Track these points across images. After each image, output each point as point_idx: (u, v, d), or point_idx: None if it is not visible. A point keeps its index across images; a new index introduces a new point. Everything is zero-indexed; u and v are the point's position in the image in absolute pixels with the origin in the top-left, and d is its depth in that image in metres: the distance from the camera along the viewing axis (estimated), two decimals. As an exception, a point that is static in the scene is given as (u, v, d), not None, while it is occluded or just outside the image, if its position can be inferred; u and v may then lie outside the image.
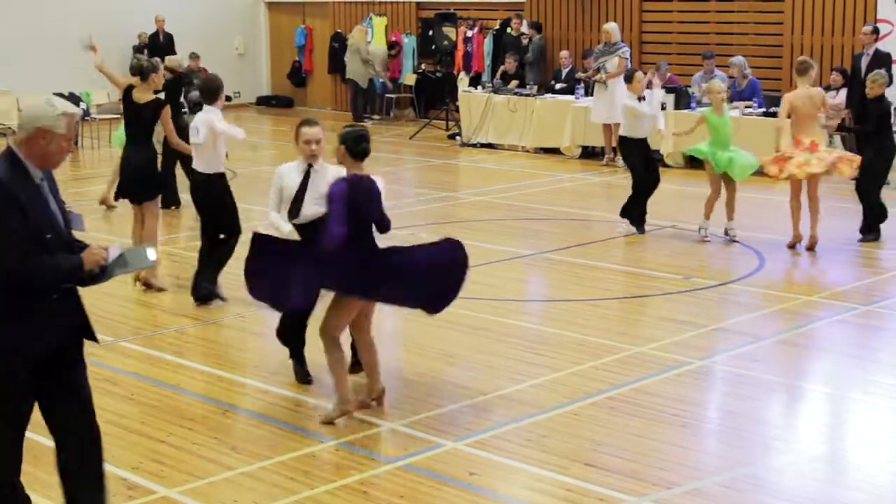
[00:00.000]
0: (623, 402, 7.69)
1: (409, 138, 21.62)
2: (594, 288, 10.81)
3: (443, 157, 19.53)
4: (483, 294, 10.56)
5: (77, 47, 23.63)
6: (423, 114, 24.29)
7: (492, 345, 9.03)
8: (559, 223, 13.88)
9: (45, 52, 23.80)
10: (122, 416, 7.51)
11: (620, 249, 12.70)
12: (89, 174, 18.53)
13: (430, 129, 22.27)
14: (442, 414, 7.54)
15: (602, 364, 8.50)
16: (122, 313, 10.07)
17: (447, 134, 21.87)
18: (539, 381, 8.14)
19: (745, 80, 17.96)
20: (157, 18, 24.48)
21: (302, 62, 27.54)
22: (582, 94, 19.10)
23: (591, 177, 17.27)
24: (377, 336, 7.94)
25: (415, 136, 21.71)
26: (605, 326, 9.50)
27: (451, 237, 7.78)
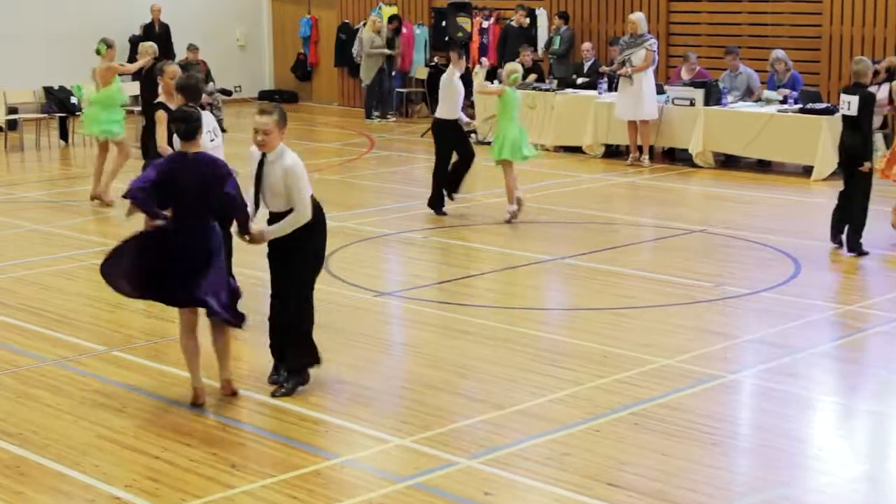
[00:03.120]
0: (649, 419, 7.67)
1: (420, 136, 21.60)
2: (618, 296, 10.79)
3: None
4: (500, 302, 10.55)
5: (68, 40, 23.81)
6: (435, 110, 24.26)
7: (509, 356, 9.02)
8: (581, 226, 13.87)
9: (34, 45, 23.87)
10: (115, 431, 7.52)
11: (646, 255, 12.68)
12: (80, 172, 18.56)
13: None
14: (455, 429, 7.53)
15: (626, 377, 8.48)
16: (113, 321, 10.08)
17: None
18: (559, 396, 8.12)
19: (787, 73, 17.91)
20: (153, 8, 24.54)
21: (307, 55, 27.57)
22: (605, 89, 19.07)
23: (615, 177, 17.25)
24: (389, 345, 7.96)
25: (427, 133, 21.68)
26: (630, 337, 9.48)
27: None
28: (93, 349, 9.22)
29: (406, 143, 21.13)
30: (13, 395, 8.19)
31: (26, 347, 9.30)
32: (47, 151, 20.67)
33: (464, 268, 11.97)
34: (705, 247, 12.75)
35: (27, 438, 7.38)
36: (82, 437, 7.39)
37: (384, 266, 12.44)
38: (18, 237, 13.47)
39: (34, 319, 10.05)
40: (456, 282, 11.33)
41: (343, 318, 9.95)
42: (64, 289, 11.07)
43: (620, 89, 18.06)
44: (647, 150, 18.11)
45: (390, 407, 8.00)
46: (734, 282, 11.18)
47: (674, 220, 13.97)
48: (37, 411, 7.87)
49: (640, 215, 14.70)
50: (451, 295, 10.83)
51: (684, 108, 17.85)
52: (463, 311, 10.20)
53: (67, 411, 7.86)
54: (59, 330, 9.75)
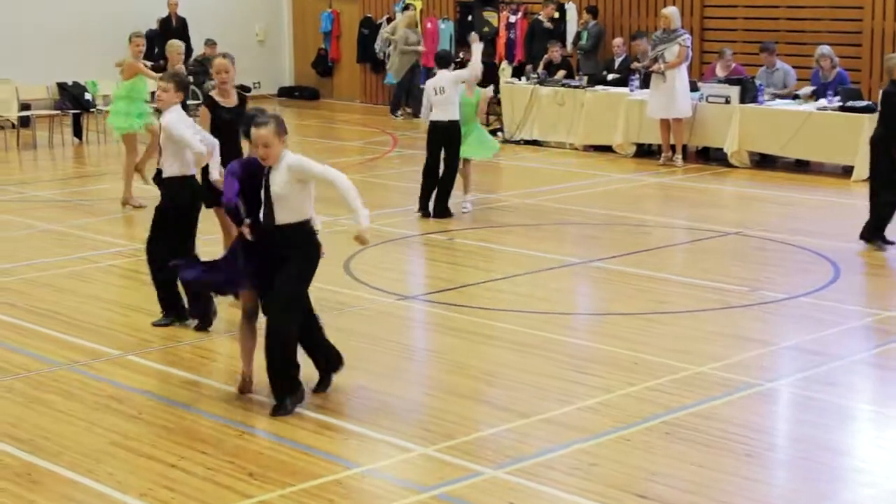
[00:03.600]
0: (681, 428, 7.64)
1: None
2: (649, 300, 10.77)
3: (482, 154, 19.48)
4: (527, 307, 10.54)
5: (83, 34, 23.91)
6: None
7: (536, 363, 9.01)
8: (611, 228, 13.85)
9: (47, 39, 23.99)
10: (129, 438, 7.54)
11: (679, 258, 12.65)
12: (94, 171, 18.66)
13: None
14: (480, 438, 7.52)
15: (658, 385, 8.46)
16: (127, 324, 10.12)
17: (488, 130, 21.85)
18: (588, 404, 8.11)
19: (833, 70, 17.82)
20: (170, 2, 24.61)
21: (328, 50, 27.63)
22: (637, 86, 19.04)
23: (647, 177, 17.22)
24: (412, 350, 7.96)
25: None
26: (662, 343, 9.46)
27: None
28: (107, 353, 9.25)
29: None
30: (25, 401, 8.22)
31: (38, 351, 9.34)
32: (60, 149, 20.77)
33: (489, 271, 11.97)
34: (741, 250, 12.71)
35: (39, 445, 7.40)
36: (95, 444, 7.42)
37: (407, 269, 12.45)
38: (31, 237, 13.54)
39: (46, 322, 10.09)
40: (481, 285, 11.33)
41: (365, 322, 9.96)
42: (77, 291, 11.12)
43: (653, 86, 18.02)
44: (681, 150, 18.06)
45: (413, 415, 8.00)
46: (771, 286, 11.14)
47: (708, 222, 13.93)
48: (49, 417, 7.90)
49: (673, 217, 14.66)
50: (476, 299, 10.82)
51: (719, 106, 17.80)
52: (488, 316, 10.20)
53: (80, 417, 7.89)
54: (72, 333, 9.78)
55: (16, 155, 20.20)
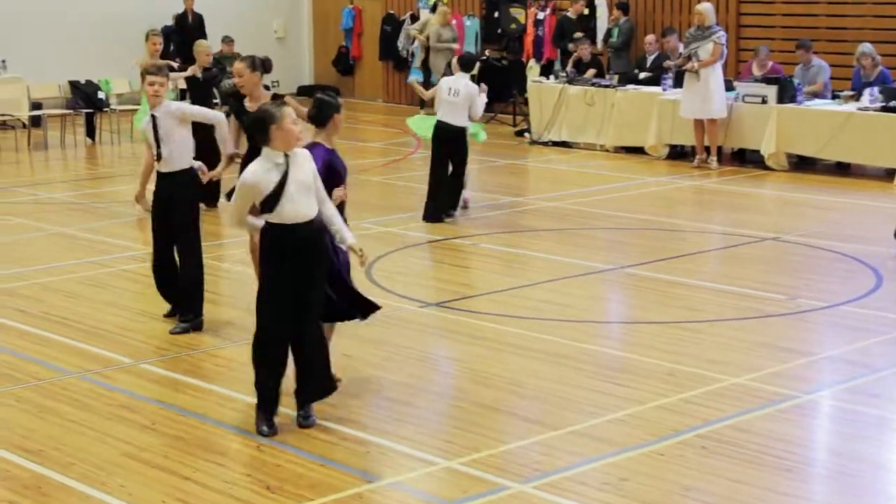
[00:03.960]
0: (717, 442, 7.61)
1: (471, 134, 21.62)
2: (683, 308, 10.73)
3: (509, 156, 19.51)
4: (555, 315, 10.51)
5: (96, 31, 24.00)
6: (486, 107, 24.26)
7: (565, 373, 8.99)
8: (642, 234, 13.82)
9: (59, 35, 24.09)
10: (142, 448, 7.55)
11: (714, 264, 12.61)
12: (108, 172, 18.72)
13: (495, 124, 22.28)
14: (507, 451, 7.50)
15: (692, 397, 8.43)
16: (141, 331, 10.13)
17: (514, 130, 21.87)
18: (619, 416, 8.09)
19: (876, 69, 17.74)
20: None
21: (349, 47, 27.69)
22: (670, 86, 19.00)
23: (680, 180, 17.18)
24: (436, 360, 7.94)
25: (477, 132, 21.70)
26: (696, 353, 9.43)
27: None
28: (120, 361, 9.27)
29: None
30: (35, 410, 8.24)
31: (49, 359, 9.36)
32: (73, 150, 20.85)
33: (516, 277, 11.95)
34: (778, 256, 12.67)
35: (49, 456, 7.42)
36: (108, 455, 7.43)
37: (430, 275, 12.44)
38: (42, 241, 13.59)
39: (57, 329, 10.12)
40: (508, 292, 11.31)
41: (386, 330, 9.95)
42: (89, 297, 11.15)
43: (686, 85, 17.98)
44: (715, 152, 18.02)
45: (437, 426, 7.99)
46: (810, 294, 11.09)
47: (744, 227, 13.89)
48: (59, 427, 7.92)
49: (708, 222, 14.62)
50: (503, 306, 10.81)
51: (756, 106, 17.75)
52: (515, 324, 10.18)
53: (92, 427, 7.90)
54: (84, 340, 9.81)
55: (27, 156, 20.29)
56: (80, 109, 21.75)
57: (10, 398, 8.46)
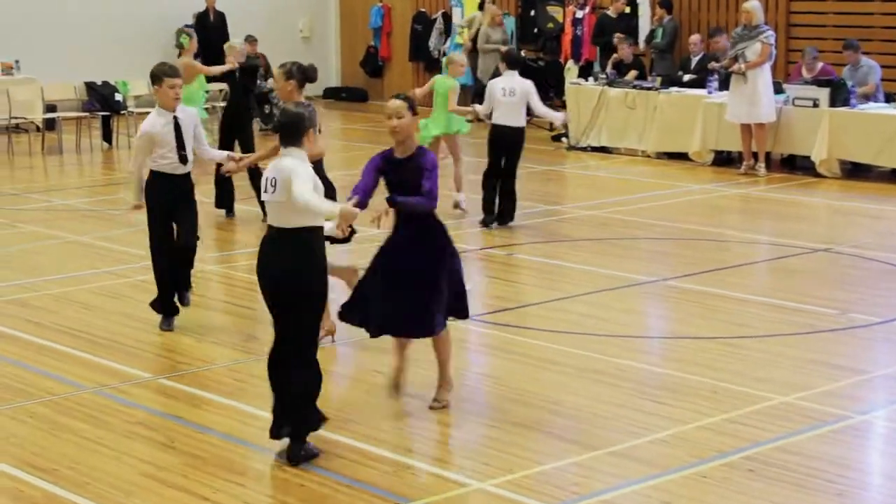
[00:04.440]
0: (764, 464, 7.59)
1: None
2: (729, 323, 10.71)
3: (546, 162, 19.51)
4: (594, 329, 10.51)
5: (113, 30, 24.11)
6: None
7: (604, 390, 8.98)
8: (686, 244, 13.80)
9: (75, 35, 24.23)
10: (160, 467, 7.58)
11: (761, 277, 12.58)
12: (125, 178, 18.76)
13: (531, 129, 22.19)
14: (542, 473, 7.50)
15: (738, 416, 8.41)
16: (160, 344, 10.19)
17: (551, 135, 21.86)
18: (660, 436, 8.08)
19: None
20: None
21: (378, 47, 27.74)
22: (715, 88, 18.97)
23: (726, 188, 17.14)
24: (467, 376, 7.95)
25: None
26: (742, 370, 9.41)
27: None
28: (137, 376, 9.31)
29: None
30: (48, 427, 8.29)
31: (63, 373, 9.41)
32: (88, 154, 20.98)
33: (553, 289, 11.95)
34: (830, 268, 12.63)
35: (63, 475, 7.46)
36: (124, 475, 7.46)
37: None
38: (56, 250, 13.67)
39: (72, 342, 10.18)
40: (544, 305, 11.31)
41: (416, 345, 9.92)
42: (106, 308, 11.21)
43: (732, 88, 17.96)
44: (763, 158, 17.98)
45: (469, 446, 8.00)
46: (863, 309, 11.06)
47: (793, 238, 13.86)
48: (74, 445, 7.96)
49: (755, 232, 14.59)
50: (539, 320, 10.81)
51: (806, 110, 17.71)
52: (552, 339, 10.18)
53: (108, 445, 7.94)
54: (100, 354, 9.86)
55: (40, 160, 20.42)
56: (96, 112, 21.82)
57: (23, 414, 8.52)
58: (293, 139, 7.57)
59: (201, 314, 10.80)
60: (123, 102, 22.15)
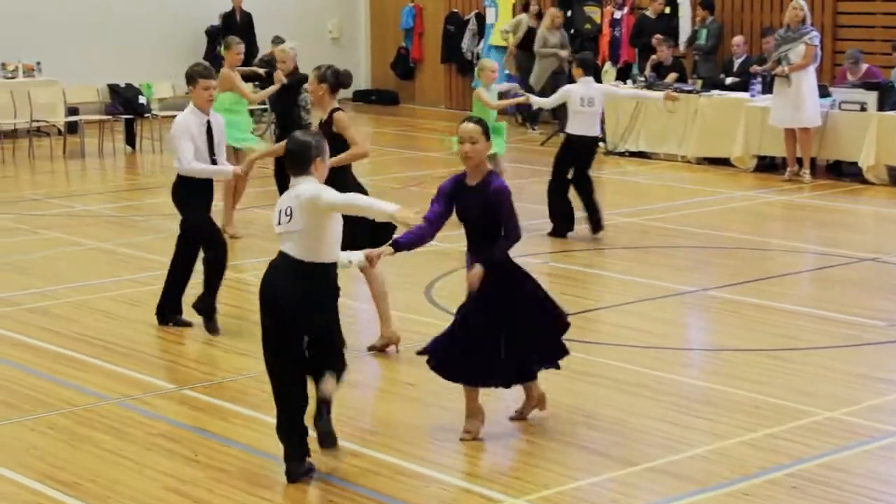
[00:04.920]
0: (809, 482, 7.57)
1: (540, 144, 21.63)
2: (772, 335, 10.68)
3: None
4: (632, 340, 10.49)
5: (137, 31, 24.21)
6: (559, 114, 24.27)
7: (642, 404, 8.97)
8: (728, 253, 13.77)
9: (98, 36, 24.34)
10: (184, 481, 7.60)
11: (806, 287, 12.55)
12: (148, 183, 18.89)
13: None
14: (577, 488, 7.50)
15: (782, 432, 8.39)
16: (184, 354, 10.22)
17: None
18: (700, 452, 8.06)
19: None
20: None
21: (409, 49, 27.79)
22: (759, 91, 18.93)
23: (770, 195, 17.10)
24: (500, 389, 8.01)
25: (547, 141, 21.71)
26: (786, 384, 9.38)
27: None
28: (161, 387, 9.35)
29: (523, 153, 21.13)
30: (69, 439, 8.32)
31: (84, 383, 9.46)
32: (111, 158, 21.08)
33: (588, 299, 11.95)
34: (877, 278, 12.59)
35: (84, 489, 7.49)
36: (147, 489, 7.49)
37: (496, 296, 12.43)
38: (78, 257, 13.73)
39: (94, 351, 10.22)
40: (580, 315, 11.30)
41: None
42: (129, 317, 11.25)
43: (776, 91, 17.92)
44: (808, 164, 17.93)
45: (502, 460, 8.00)
46: (912, 320, 11.03)
47: (839, 247, 13.82)
48: (96, 457, 7.99)
49: (799, 240, 14.55)
50: (574, 331, 10.73)
51: (853, 114, 17.66)
52: (589, 350, 10.17)
53: (131, 458, 7.97)
54: (123, 364, 9.90)
55: (62, 164, 20.52)
56: (119, 115, 21.91)
57: (43, 425, 8.56)
58: (300, 168, 7.52)
59: (226, 323, 10.81)
60: (147, 105, 22.22)
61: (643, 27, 21.96)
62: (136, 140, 21.72)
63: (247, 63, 15.63)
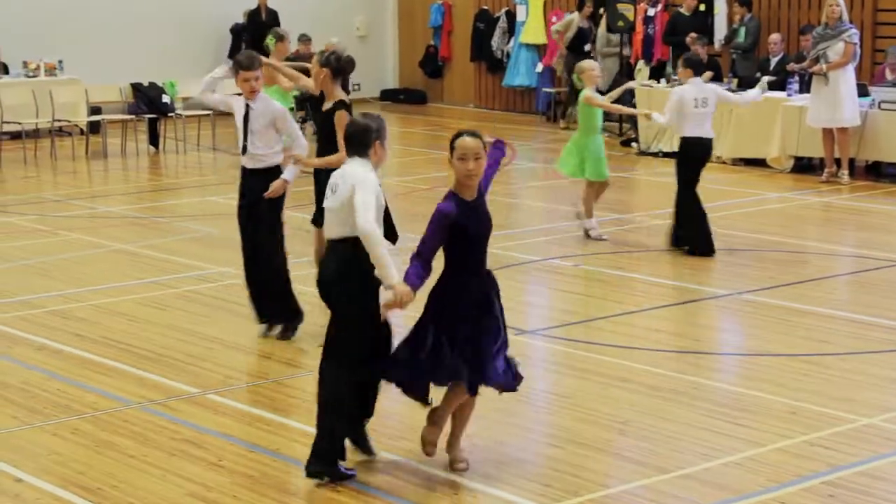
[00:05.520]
0: (846, 490, 7.55)
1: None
2: (809, 340, 10.66)
3: (615, 168, 19.41)
4: (665, 345, 10.49)
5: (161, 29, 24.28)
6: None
7: (675, 410, 8.97)
8: (764, 256, 13.74)
9: (121, 34, 24.43)
10: (209, 488, 7.63)
11: (844, 291, 12.51)
12: (172, 184, 18.96)
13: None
14: (609, 496, 7.50)
15: (818, 439, 8.38)
16: (208, 358, 10.25)
17: (620, 140, 21.83)
18: (735, 459, 8.05)
19: None
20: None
21: (438, 47, 27.81)
22: (796, 90, 18.89)
23: (807, 196, 17.06)
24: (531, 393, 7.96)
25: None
26: (824, 390, 9.36)
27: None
28: (185, 391, 9.38)
29: (553, 152, 21.09)
30: (92, 444, 8.36)
31: (107, 388, 9.50)
32: (134, 159, 21.16)
33: (622, 303, 11.94)
34: (917, 282, 12.57)
35: (107, 495, 7.52)
36: (171, 495, 7.52)
37: (526, 299, 12.45)
38: (100, 259, 13.79)
39: (116, 355, 10.27)
40: (612, 319, 11.30)
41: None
42: (152, 320, 11.30)
43: (814, 90, 17.87)
44: (847, 165, 17.89)
45: (532, 467, 8.00)
46: (953, 325, 10.99)
47: (879, 249, 13.78)
48: (119, 463, 8.03)
49: (837, 243, 14.52)
50: (607, 335, 10.80)
51: (893, 114, 17.60)
52: (620, 355, 10.17)
53: (154, 464, 8.00)
54: (146, 368, 9.94)
55: (84, 165, 20.61)
56: (142, 115, 21.94)
57: (65, 430, 8.60)
58: (359, 149, 7.64)
59: (252, 327, 10.85)
60: (171, 104, 22.21)
61: (677, 24, 21.92)
62: (159, 140, 21.79)
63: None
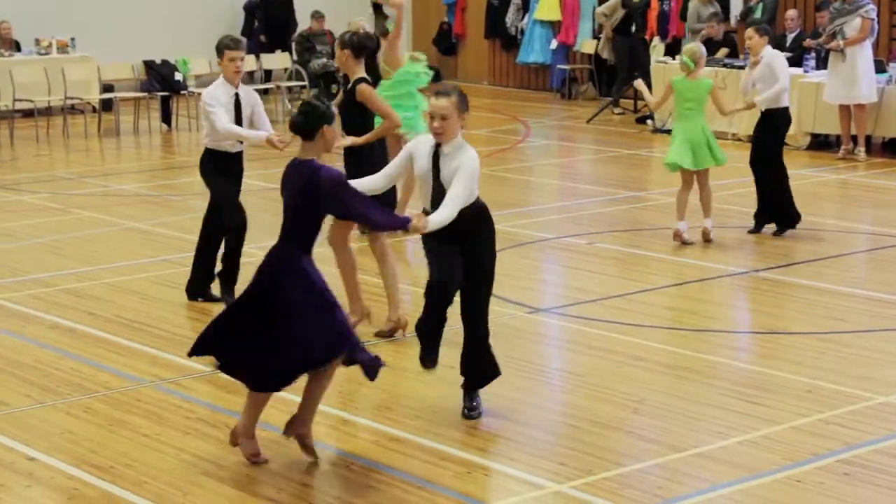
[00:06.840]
0: (862, 468, 7.55)
1: (586, 122, 21.59)
2: (826, 318, 10.66)
3: (630, 146, 19.46)
4: (680, 323, 10.49)
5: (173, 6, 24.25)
6: (604, 91, 24.25)
7: (690, 388, 8.97)
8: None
9: (133, 11, 24.42)
10: (221, 466, 7.65)
11: (860, 268, 12.50)
12: (184, 162, 18.96)
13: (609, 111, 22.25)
14: (623, 475, 7.51)
15: (835, 417, 8.37)
16: (222, 337, 10.27)
17: (636, 117, 21.79)
18: (751, 437, 8.05)
19: None
20: (273, -32, 24.96)
21: (452, 24, 27.77)
22: (812, 67, 18.84)
23: (824, 173, 17.02)
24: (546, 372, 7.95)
25: (593, 119, 21.69)
26: (840, 368, 9.36)
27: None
28: (198, 370, 9.40)
29: (568, 130, 21.12)
30: (105, 423, 8.39)
31: (120, 366, 9.52)
32: (147, 136, 21.18)
33: (637, 280, 11.93)
34: (935, 260, 12.55)
35: (120, 473, 7.54)
36: (184, 474, 7.54)
37: (541, 277, 12.46)
38: (113, 237, 13.81)
39: (130, 334, 10.29)
40: (626, 297, 11.30)
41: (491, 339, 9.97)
42: (164, 298, 11.32)
43: (831, 67, 17.83)
44: (863, 142, 17.85)
45: (547, 446, 8.01)
46: (970, 303, 10.97)
47: (895, 227, 13.74)
48: (132, 442, 8.05)
49: (854, 220, 14.49)
50: (621, 313, 10.80)
51: (910, 90, 17.54)
52: (635, 333, 10.17)
53: (167, 442, 8.03)
54: (159, 346, 9.96)
55: (97, 143, 20.64)
56: (154, 92, 21.97)
57: (78, 409, 8.63)
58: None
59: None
60: (184, 82, 22.22)
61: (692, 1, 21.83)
62: (171, 118, 21.81)
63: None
